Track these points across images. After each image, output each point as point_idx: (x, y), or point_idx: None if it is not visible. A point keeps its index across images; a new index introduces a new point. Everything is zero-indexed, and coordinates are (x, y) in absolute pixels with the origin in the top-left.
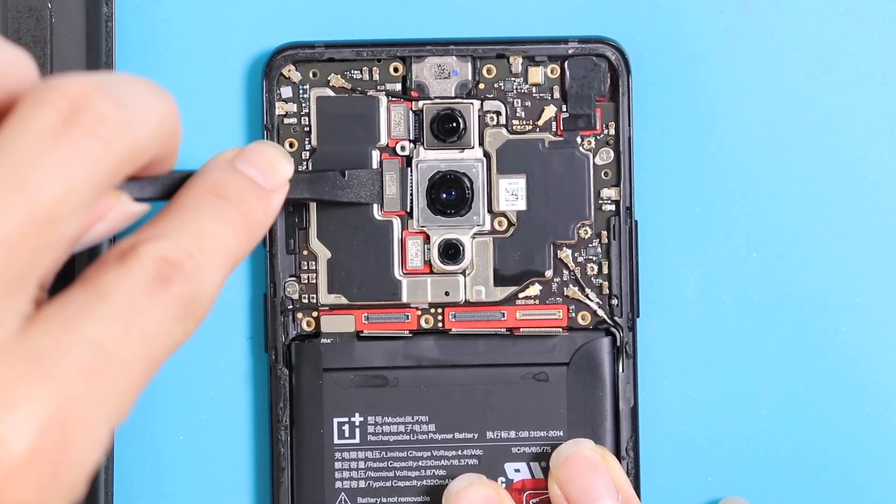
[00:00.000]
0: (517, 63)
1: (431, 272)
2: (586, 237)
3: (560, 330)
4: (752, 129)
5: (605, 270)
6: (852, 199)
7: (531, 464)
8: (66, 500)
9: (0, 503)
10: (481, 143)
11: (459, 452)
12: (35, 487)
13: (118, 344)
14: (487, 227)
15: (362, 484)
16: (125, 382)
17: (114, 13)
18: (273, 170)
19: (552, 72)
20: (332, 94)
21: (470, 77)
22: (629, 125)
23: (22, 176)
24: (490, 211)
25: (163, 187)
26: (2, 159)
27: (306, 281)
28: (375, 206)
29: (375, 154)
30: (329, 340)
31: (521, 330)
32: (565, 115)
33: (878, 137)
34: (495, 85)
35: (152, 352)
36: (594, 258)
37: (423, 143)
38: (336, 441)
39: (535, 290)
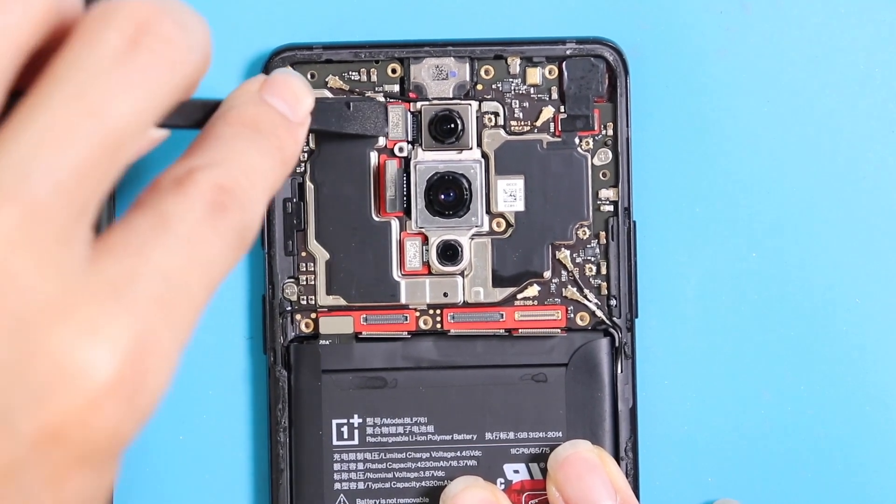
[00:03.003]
0: (515, 64)
1: (430, 273)
2: (585, 238)
3: (559, 331)
4: (752, 130)
5: (604, 271)
6: (852, 199)
7: (530, 465)
8: (140, 425)
9: (83, 429)
10: (479, 144)
11: (458, 453)
12: (116, 414)
13: (185, 273)
14: (486, 228)
15: (361, 485)
16: (192, 310)
17: None
18: (298, 102)
19: (550, 73)
20: (330, 95)
21: (468, 78)
22: (627, 126)
23: (92, 100)
24: (488, 212)
25: (186, 114)
26: (70, 83)
27: (305, 282)
28: (373, 208)
29: (374, 155)
30: (328, 342)
31: (520, 331)
32: (563, 115)
33: (878, 137)
34: (493, 86)
35: (212, 279)
36: (593, 259)
37: (421, 145)
38: (335, 442)
39: (533, 290)
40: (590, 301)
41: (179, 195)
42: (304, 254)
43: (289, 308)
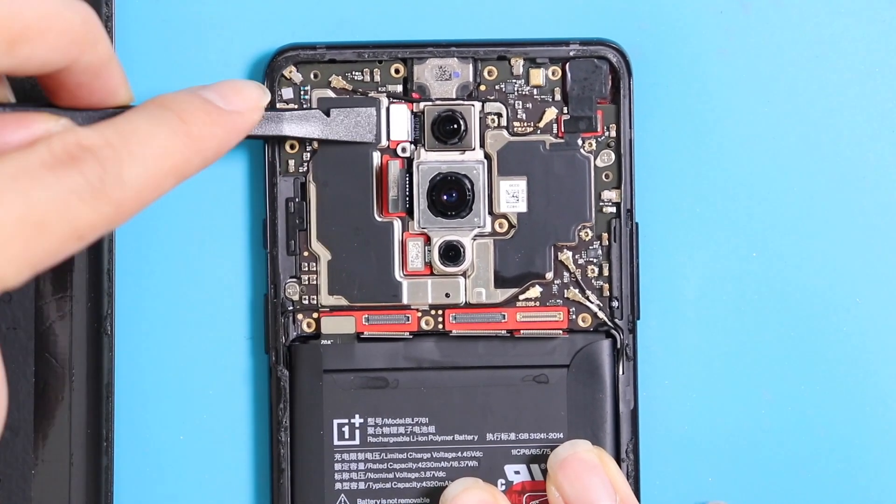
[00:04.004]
0: (518, 65)
1: (432, 274)
2: (587, 239)
3: (560, 332)
4: (753, 131)
5: (606, 272)
6: (852, 199)
7: (531, 466)
8: None
9: None
10: (482, 145)
11: (459, 454)
12: None
13: None
14: (488, 228)
15: (362, 485)
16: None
17: (114, 13)
18: (236, 93)
19: (553, 74)
20: (333, 95)
21: (471, 79)
22: (630, 127)
23: None
24: (491, 213)
25: (109, 118)
26: None
27: (307, 282)
28: (376, 208)
29: (376, 155)
30: (329, 342)
31: (522, 332)
32: (566, 117)
33: (878, 137)
34: (496, 87)
35: (38, 216)
36: (595, 260)
37: (424, 145)
38: (336, 442)
39: (535, 291)
40: (592, 302)
41: (25, 149)
42: (306, 254)
43: (290, 308)
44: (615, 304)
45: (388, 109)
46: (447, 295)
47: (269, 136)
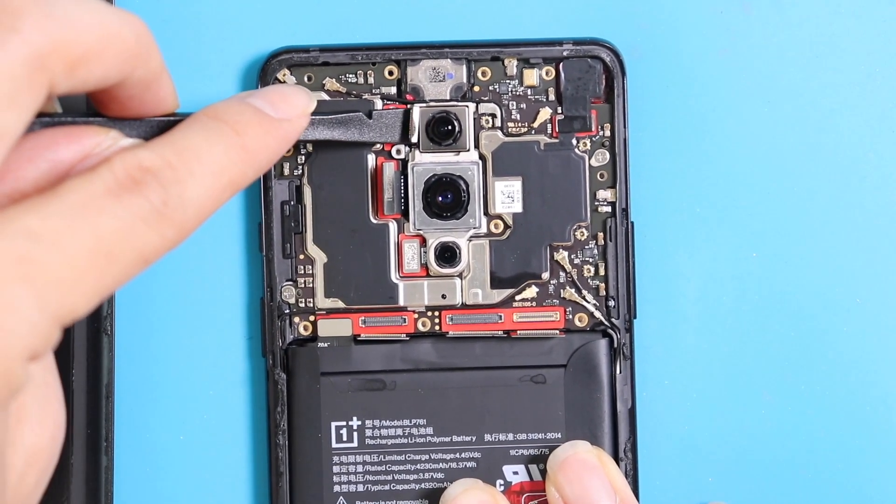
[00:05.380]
0: (512, 65)
1: (428, 275)
2: (583, 239)
3: (557, 332)
4: (750, 129)
5: (602, 272)
6: (852, 199)
7: (529, 466)
8: None
9: None
10: (477, 146)
11: (457, 455)
12: None
13: (60, 234)
14: (484, 229)
15: (360, 488)
16: (66, 271)
17: None
18: (284, 101)
19: (547, 74)
20: (327, 97)
21: (465, 80)
22: (625, 126)
23: None
24: (486, 213)
25: (157, 128)
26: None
27: (303, 285)
28: (371, 210)
29: (371, 158)
30: (326, 344)
31: (519, 332)
32: (560, 117)
33: (878, 137)
34: (490, 87)
35: (108, 246)
36: (591, 260)
37: (418, 147)
38: (334, 445)
39: (531, 292)
40: (588, 302)
41: (86, 174)
42: (302, 256)
43: (287, 311)
44: (611, 303)
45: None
46: (443, 296)
47: (314, 140)
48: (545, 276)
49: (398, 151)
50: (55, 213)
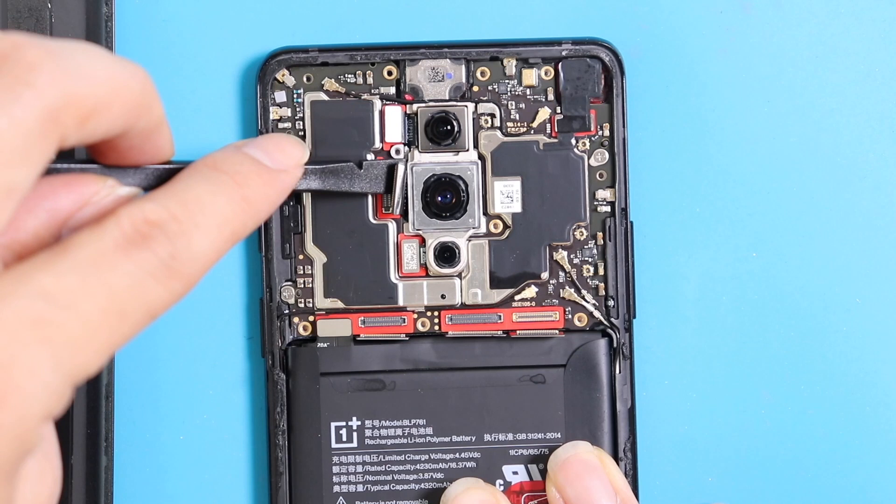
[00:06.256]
0: (511, 65)
1: (427, 275)
2: (582, 239)
3: (556, 332)
4: (749, 129)
5: (601, 272)
6: (852, 199)
7: (529, 466)
8: (11, 444)
9: None
10: (476, 146)
11: (457, 455)
12: None
13: (74, 294)
14: (483, 229)
15: (360, 488)
16: (80, 331)
17: (113, 13)
18: (280, 151)
19: (546, 74)
20: (326, 98)
21: (464, 80)
22: (624, 126)
23: None
24: (485, 213)
25: (154, 175)
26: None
27: (302, 285)
28: (371, 209)
29: (370, 158)
30: (326, 345)
31: (518, 332)
32: (560, 116)
33: (878, 137)
34: (489, 87)
35: (120, 304)
36: (590, 260)
37: (417, 147)
38: (333, 445)
39: (531, 292)
40: (587, 302)
41: (94, 228)
42: (301, 257)
43: (286, 311)
44: (611, 303)
45: (382, 111)
46: (443, 296)
47: (306, 190)
48: (544, 275)
49: (397, 151)
50: (68, 271)
